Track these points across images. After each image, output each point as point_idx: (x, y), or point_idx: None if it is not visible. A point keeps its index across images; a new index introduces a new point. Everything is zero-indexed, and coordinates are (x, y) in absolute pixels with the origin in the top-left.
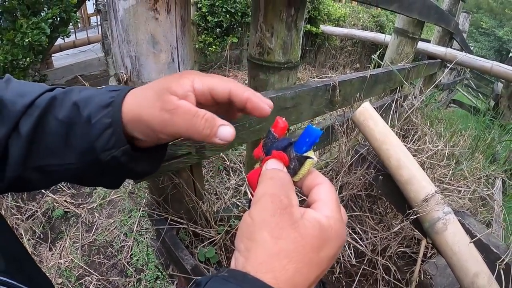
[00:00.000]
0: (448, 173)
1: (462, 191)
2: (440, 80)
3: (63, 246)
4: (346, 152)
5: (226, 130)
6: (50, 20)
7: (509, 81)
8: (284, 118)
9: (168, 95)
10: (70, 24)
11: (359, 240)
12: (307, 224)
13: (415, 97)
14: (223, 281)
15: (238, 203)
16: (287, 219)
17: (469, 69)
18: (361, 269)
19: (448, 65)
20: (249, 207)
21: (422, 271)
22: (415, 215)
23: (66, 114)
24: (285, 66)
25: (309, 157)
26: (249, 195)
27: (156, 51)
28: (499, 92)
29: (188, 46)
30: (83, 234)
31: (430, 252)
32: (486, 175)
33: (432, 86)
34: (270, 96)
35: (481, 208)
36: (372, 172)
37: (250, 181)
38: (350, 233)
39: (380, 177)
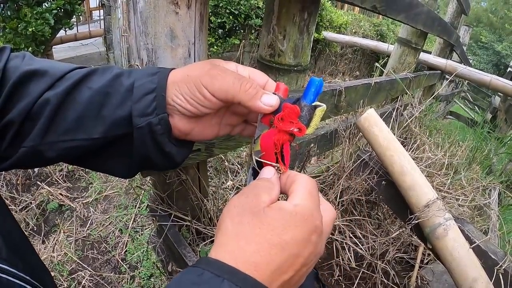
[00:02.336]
0: (447, 181)
1: (460, 199)
2: (439, 92)
3: (57, 240)
4: (348, 156)
5: (270, 96)
6: (54, 11)
7: (507, 95)
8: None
9: (220, 63)
10: (74, 16)
11: (359, 244)
12: (268, 210)
13: (414, 107)
14: (192, 268)
15: None
16: (249, 207)
17: (466, 81)
18: (361, 272)
19: (447, 76)
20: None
21: (419, 277)
22: (417, 220)
23: (104, 83)
24: (295, 69)
25: (319, 105)
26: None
27: (173, 45)
28: (496, 105)
29: (204, 42)
30: (77, 229)
31: (427, 259)
32: (483, 185)
33: (432, 97)
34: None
35: (477, 217)
36: (373, 178)
37: (264, 146)
38: (350, 237)
39: (383, 182)
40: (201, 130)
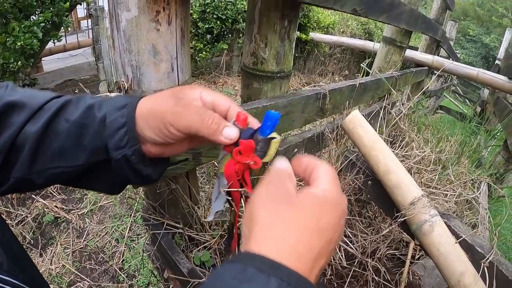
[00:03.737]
0: (435, 177)
1: (448, 195)
2: (428, 87)
3: (54, 252)
4: (336, 158)
5: (231, 130)
6: (42, 24)
7: (494, 88)
8: (244, 111)
9: (183, 95)
10: (62, 28)
11: (349, 243)
12: (301, 197)
13: (402, 104)
14: (232, 264)
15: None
16: (281, 195)
17: (455, 76)
18: (352, 271)
19: (435, 72)
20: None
21: (410, 272)
22: (403, 218)
23: (80, 115)
24: (278, 75)
25: (273, 138)
26: (222, 193)
27: (156, 61)
28: (485, 98)
29: (187, 56)
30: (74, 240)
31: (418, 254)
32: (472, 179)
33: (420, 93)
34: (263, 104)
35: (467, 211)
36: (361, 178)
37: (227, 174)
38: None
39: (369, 182)
40: (173, 150)
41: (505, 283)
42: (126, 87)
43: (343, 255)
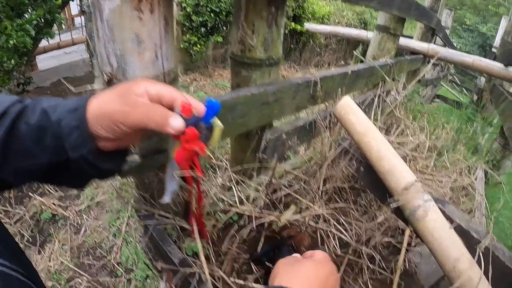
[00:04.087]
0: (430, 164)
1: (444, 181)
2: (424, 76)
3: (52, 249)
4: (329, 146)
5: (177, 121)
6: (34, 22)
7: (490, 75)
8: (187, 100)
9: (129, 93)
10: (55, 25)
11: (343, 231)
12: (305, 260)
13: (398, 92)
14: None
15: (224, 198)
16: (293, 260)
17: (452, 65)
18: (346, 259)
19: (431, 61)
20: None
21: (407, 260)
22: (396, 204)
23: (38, 119)
24: (267, 62)
25: (215, 124)
26: (175, 176)
27: (140, 50)
28: (481, 86)
29: (171, 44)
30: (72, 236)
31: (414, 242)
32: (468, 166)
33: (415, 81)
34: (252, 92)
35: (463, 198)
36: (354, 165)
37: (177, 160)
38: (335, 225)
39: (361, 168)
40: (128, 142)
41: (501, 268)
42: (111, 77)
43: (337, 244)
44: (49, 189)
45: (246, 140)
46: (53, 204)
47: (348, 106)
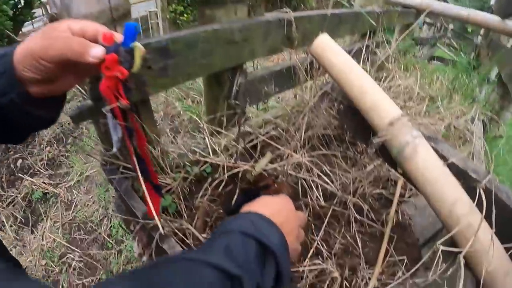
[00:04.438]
0: (422, 110)
1: (437, 124)
2: (419, 35)
3: (45, 228)
4: (311, 92)
5: (97, 49)
6: (12, 2)
7: (486, 28)
8: (109, 31)
9: (51, 30)
10: (34, 6)
11: (329, 183)
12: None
13: (388, 43)
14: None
15: (194, 148)
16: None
17: (450, 27)
18: (331, 210)
19: (427, 20)
20: None
21: (399, 212)
22: (380, 142)
23: None
24: None
25: (136, 47)
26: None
27: None
28: (478, 43)
29: None
30: (63, 213)
31: (408, 193)
32: (465, 114)
33: (407, 32)
34: (214, 27)
35: (460, 147)
36: (340, 109)
37: (102, 91)
38: (318, 175)
39: (341, 106)
40: (60, 85)
41: (505, 212)
42: (53, 18)
43: (321, 194)
44: (39, 169)
45: (218, 87)
46: (44, 183)
47: (324, 43)
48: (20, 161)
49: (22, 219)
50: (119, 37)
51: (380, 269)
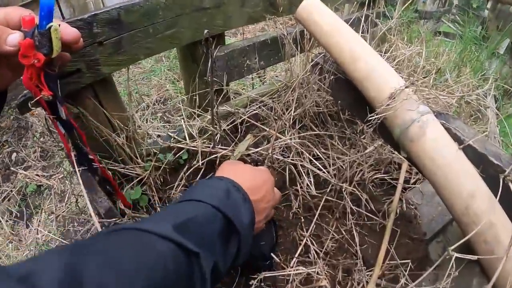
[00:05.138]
0: (429, 83)
1: (446, 97)
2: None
3: (39, 221)
4: (303, 66)
5: (14, 36)
6: None
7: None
8: (29, 13)
9: None
10: None
11: (320, 167)
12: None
13: (390, 16)
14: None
15: (169, 133)
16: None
17: (455, 2)
18: (323, 200)
19: None
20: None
21: (404, 201)
22: (379, 117)
23: None
24: None
25: (52, 28)
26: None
27: None
28: (485, 16)
29: None
30: (57, 205)
31: (414, 178)
32: (476, 87)
33: (410, 1)
34: None
35: (472, 123)
36: (332, 82)
37: (24, 83)
38: (310, 159)
39: (331, 78)
40: None
41: None
42: None
43: (312, 182)
44: (33, 161)
45: (193, 63)
46: (37, 175)
47: (311, 5)
48: (14, 154)
49: (18, 214)
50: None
51: (379, 271)
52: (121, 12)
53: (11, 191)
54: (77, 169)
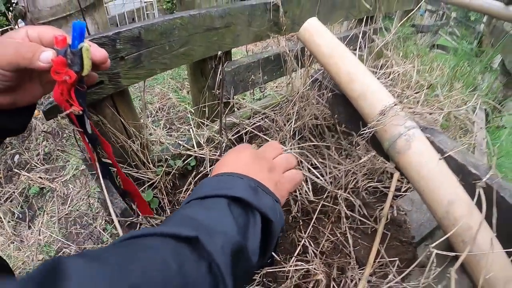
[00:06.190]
0: (420, 98)
1: (436, 114)
2: (421, 23)
3: (41, 223)
4: (303, 81)
5: (47, 53)
6: None
7: (489, 14)
8: (62, 33)
9: (6, 38)
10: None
11: (318, 175)
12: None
13: (387, 30)
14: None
15: (179, 141)
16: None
17: (453, 15)
18: (320, 205)
19: (429, 8)
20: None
21: (395, 207)
22: (370, 131)
23: None
24: None
25: (83, 48)
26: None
27: None
28: (481, 30)
29: None
30: (59, 208)
31: (405, 186)
32: (465, 102)
33: (407, 17)
34: (191, 14)
35: (460, 137)
36: (330, 98)
37: (55, 98)
38: (308, 168)
39: (329, 95)
40: (26, 95)
41: (508, 213)
42: (24, 11)
43: (310, 188)
44: (36, 164)
45: (202, 77)
46: (40, 177)
47: (313, 27)
48: (17, 156)
49: (20, 215)
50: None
51: (370, 270)
52: (141, 31)
53: (14, 192)
54: (101, 177)
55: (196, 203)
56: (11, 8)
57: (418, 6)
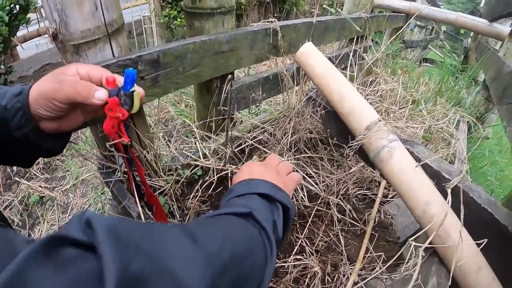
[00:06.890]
0: (405, 113)
1: (418, 128)
2: (410, 38)
3: (41, 231)
4: (298, 98)
5: (100, 92)
6: (8, 8)
7: (475, 31)
8: (112, 75)
9: (60, 74)
10: (29, 11)
11: (312, 183)
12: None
13: (376, 49)
14: (238, 183)
15: (187, 153)
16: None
17: (442, 30)
18: (315, 209)
19: (418, 23)
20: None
21: (382, 211)
22: (358, 145)
23: None
24: (218, 11)
25: (134, 91)
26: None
27: (79, 1)
28: (467, 45)
29: None
30: (60, 216)
31: (392, 193)
32: (448, 117)
33: (396, 35)
34: (202, 39)
35: (443, 148)
36: (323, 114)
37: (105, 129)
38: (304, 177)
39: (322, 111)
40: (69, 123)
41: (477, 211)
42: (54, 33)
43: (305, 195)
44: (35, 173)
45: (208, 94)
46: (40, 186)
47: (308, 51)
48: None
49: (20, 223)
50: (120, 80)
51: (360, 265)
52: (160, 54)
53: (13, 200)
54: (134, 189)
55: (235, 199)
56: (13, 18)
57: (407, 23)
